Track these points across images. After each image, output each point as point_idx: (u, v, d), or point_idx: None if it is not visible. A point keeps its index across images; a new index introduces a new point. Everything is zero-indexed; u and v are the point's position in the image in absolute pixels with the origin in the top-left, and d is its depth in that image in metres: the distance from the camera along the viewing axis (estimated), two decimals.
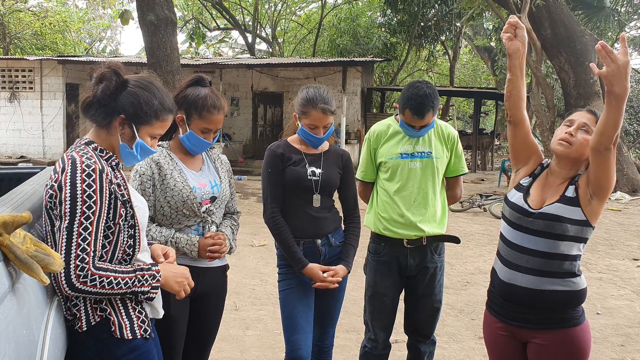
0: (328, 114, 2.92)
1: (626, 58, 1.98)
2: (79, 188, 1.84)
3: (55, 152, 18.27)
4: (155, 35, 11.83)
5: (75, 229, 1.82)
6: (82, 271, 1.81)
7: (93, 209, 1.85)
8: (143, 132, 2.02)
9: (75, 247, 1.81)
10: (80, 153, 1.93)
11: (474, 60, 32.21)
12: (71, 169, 1.86)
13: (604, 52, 1.98)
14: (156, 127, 2.05)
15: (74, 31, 29.40)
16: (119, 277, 1.88)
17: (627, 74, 2.00)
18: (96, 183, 1.86)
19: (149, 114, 2.01)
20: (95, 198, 1.85)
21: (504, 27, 2.38)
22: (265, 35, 30.70)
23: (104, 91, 1.98)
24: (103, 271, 1.85)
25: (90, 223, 1.84)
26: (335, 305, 3.12)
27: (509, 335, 2.43)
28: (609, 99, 2.07)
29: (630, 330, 4.96)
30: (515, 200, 2.40)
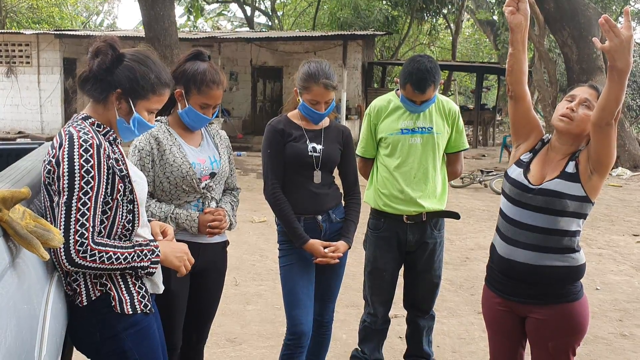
0: (330, 90, 2.88)
1: (629, 32, 1.96)
2: (77, 163, 1.83)
3: (54, 127, 18.21)
4: (153, 8, 11.72)
5: (74, 204, 1.82)
6: (82, 246, 1.81)
7: (91, 184, 1.84)
8: (140, 107, 2.01)
9: (74, 223, 1.81)
10: (78, 128, 1.91)
11: (477, 34, 31.92)
12: (69, 144, 1.85)
13: (607, 26, 1.95)
14: (153, 102, 2.03)
15: (71, 4, 29.08)
16: (118, 253, 1.88)
17: (630, 48, 1.97)
18: (94, 158, 1.85)
19: (145, 88, 1.99)
20: (93, 173, 1.85)
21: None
22: (264, 8, 30.37)
23: (100, 65, 1.95)
24: (102, 246, 1.85)
25: (89, 198, 1.84)
26: (336, 280, 3.13)
27: (507, 310, 2.44)
28: (611, 74, 2.05)
29: (629, 306, 4.99)
30: (515, 176, 2.39)
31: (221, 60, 17.58)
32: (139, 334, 2.00)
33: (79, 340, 2.00)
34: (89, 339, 1.96)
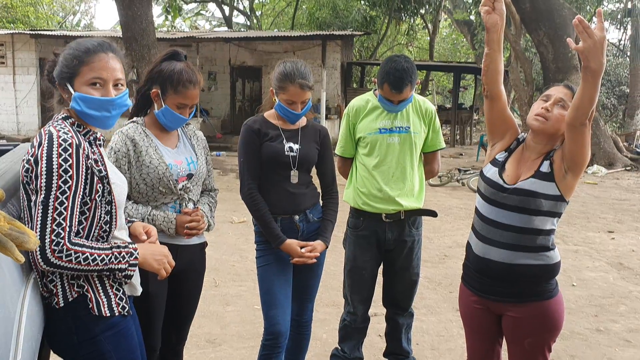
0: (306, 90, 2.89)
1: (602, 33, 1.98)
2: (55, 162, 1.81)
3: (30, 128, 17.96)
4: (130, 8, 11.62)
5: (51, 203, 1.80)
6: (58, 246, 1.79)
7: (69, 184, 1.83)
8: (78, 84, 1.95)
9: (50, 222, 1.79)
10: (57, 128, 1.90)
11: (454, 34, 32.20)
12: (48, 143, 1.84)
13: (581, 27, 1.97)
14: (87, 72, 1.95)
15: (47, 4, 28.69)
16: (95, 254, 1.86)
17: (603, 49, 1.99)
18: (72, 158, 1.84)
19: (67, 65, 1.96)
20: (71, 172, 1.83)
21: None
22: (242, 8, 30.27)
23: (47, 74, 2.02)
24: (79, 247, 1.83)
25: (66, 198, 1.82)
26: (314, 280, 3.13)
27: (484, 308, 2.47)
28: (585, 74, 2.07)
29: (604, 301, 5.07)
30: (490, 176, 2.41)
31: (199, 60, 17.48)
32: (117, 336, 1.98)
33: (56, 343, 1.98)
34: (67, 341, 1.94)
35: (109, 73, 1.97)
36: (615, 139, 16.24)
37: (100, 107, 1.95)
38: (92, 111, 1.95)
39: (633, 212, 9.38)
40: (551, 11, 14.93)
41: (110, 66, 1.97)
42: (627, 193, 11.40)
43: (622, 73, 24.66)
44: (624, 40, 21.40)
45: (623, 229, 8.12)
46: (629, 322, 4.60)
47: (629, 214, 9.26)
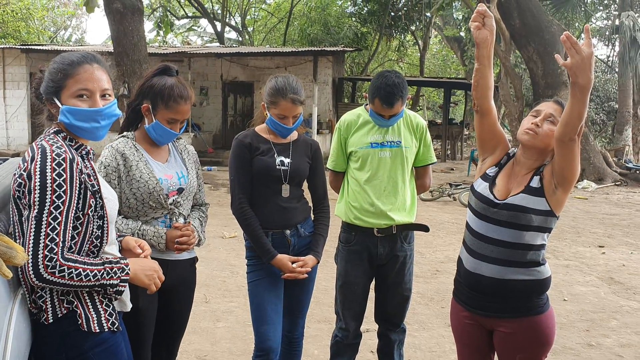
0: (297, 104, 2.89)
1: (590, 49, 1.99)
2: (49, 177, 1.80)
3: (20, 142, 17.88)
4: (121, 23, 11.64)
5: (45, 218, 1.78)
6: (51, 262, 1.77)
7: (63, 199, 1.81)
8: (65, 97, 1.93)
9: (44, 237, 1.77)
10: (50, 142, 1.88)
11: (444, 50, 32.44)
12: (41, 157, 1.82)
13: (569, 43, 1.99)
14: (72, 84, 1.93)
15: (38, 19, 28.68)
16: (87, 269, 1.84)
17: (591, 65, 2.01)
18: (66, 172, 1.82)
19: (52, 80, 1.94)
20: (65, 187, 1.81)
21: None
22: (234, 23, 30.40)
23: (35, 90, 2.01)
24: (72, 262, 1.81)
25: (60, 213, 1.80)
26: (305, 295, 3.11)
27: (475, 323, 2.46)
28: (573, 90, 2.08)
29: (595, 316, 5.07)
30: (480, 190, 2.41)
31: (191, 75, 17.51)
32: (107, 352, 1.95)
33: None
34: (55, 358, 1.90)
35: (95, 84, 1.95)
36: (604, 154, 16.36)
37: (89, 118, 1.93)
38: (81, 123, 1.93)
39: (623, 227, 9.42)
40: (540, 28, 15.10)
41: (96, 77, 1.95)
42: (617, 208, 11.46)
43: (611, 89, 24.90)
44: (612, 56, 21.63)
45: (613, 243, 8.15)
46: (620, 336, 4.60)
47: (619, 228, 9.31)
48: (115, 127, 2.11)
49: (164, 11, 25.82)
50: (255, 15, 31.37)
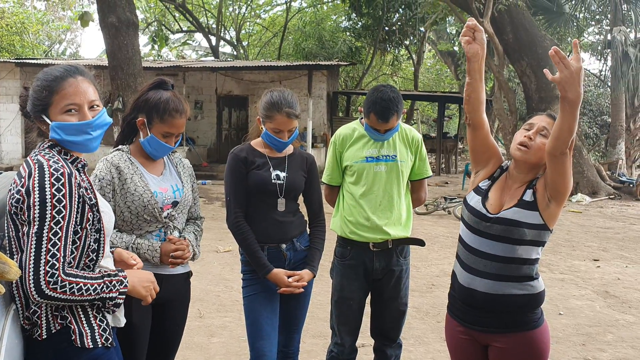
0: (293, 118, 2.89)
1: (578, 64, 1.99)
2: (48, 192, 1.79)
3: (13, 157, 17.82)
4: (116, 37, 11.67)
5: (45, 234, 1.77)
6: (52, 277, 1.76)
7: (63, 214, 1.80)
8: (53, 114, 1.92)
9: (45, 253, 1.76)
10: (47, 157, 1.87)
11: (438, 64, 32.64)
12: (39, 173, 1.81)
13: (557, 57, 1.99)
14: (59, 100, 1.91)
15: (32, 33, 28.71)
16: (88, 284, 1.83)
17: (579, 79, 2.01)
18: (65, 187, 1.82)
19: (37, 98, 1.93)
20: (64, 202, 1.81)
21: None
22: (229, 38, 30.52)
23: (21, 109, 2.00)
24: (73, 277, 1.80)
25: (60, 228, 1.79)
26: (301, 310, 3.09)
27: (470, 338, 2.44)
28: (562, 105, 2.08)
29: (591, 330, 5.06)
30: (473, 204, 2.41)
31: (186, 89, 17.53)
32: None
33: None
34: None
35: (82, 97, 1.93)
36: (598, 167, 16.43)
37: (80, 132, 1.92)
38: (73, 137, 1.91)
39: (617, 240, 9.43)
40: (533, 42, 15.22)
41: (82, 90, 1.93)
42: (611, 221, 11.49)
43: (604, 103, 25.06)
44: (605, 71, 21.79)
45: (608, 257, 8.16)
46: (616, 350, 4.58)
47: (613, 242, 9.32)
48: (110, 140, 2.11)
49: (159, 25, 25.91)
50: (250, 29, 31.52)
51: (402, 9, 23.02)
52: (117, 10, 11.59)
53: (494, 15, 14.69)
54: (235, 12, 29.21)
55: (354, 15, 24.03)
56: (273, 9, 30.67)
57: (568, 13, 19.00)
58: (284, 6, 28.54)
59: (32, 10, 30.07)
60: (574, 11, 19.31)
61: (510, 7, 14.83)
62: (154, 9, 28.43)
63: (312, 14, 26.26)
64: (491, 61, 15.78)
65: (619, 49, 17.28)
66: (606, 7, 20.01)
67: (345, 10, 24.66)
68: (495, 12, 14.59)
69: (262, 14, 30.96)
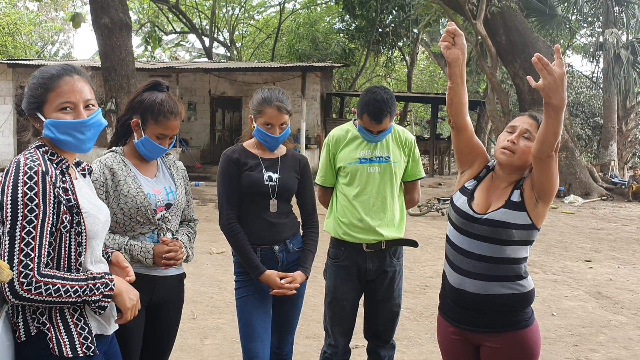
0: (283, 112, 2.90)
1: (561, 70, 1.99)
2: (20, 191, 1.75)
3: (5, 158, 17.73)
4: (109, 38, 11.63)
5: (18, 233, 1.74)
6: (26, 278, 1.72)
7: (35, 212, 1.76)
8: (48, 111, 1.90)
9: (17, 252, 1.73)
10: (27, 155, 1.84)
11: (431, 66, 32.68)
12: (15, 171, 1.78)
13: (540, 64, 1.98)
14: (55, 98, 1.89)
15: (25, 34, 28.59)
16: (67, 285, 1.79)
17: (563, 85, 2.01)
18: (38, 185, 1.78)
19: (33, 95, 1.91)
20: (37, 201, 1.76)
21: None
22: (223, 39, 30.49)
23: (16, 107, 1.99)
24: (48, 278, 1.76)
25: (34, 227, 1.75)
26: (294, 312, 3.09)
27: (461, 339, 2.44)
28: (547, 110, 2.08)
29: (584, 330, 5.08)
30: (459, 205, 2.41)
31: (179, 90, 17.50)
32: None
33: None
34: None
35: (78, 95, 1.91)
36: (590, 169, 16.52)
37: (74, 130, 1.89)
38: (66, 136, 1.88)
39: (610, 242, 9.48)
40: (526, 44, 15.29)
41: (78, 88, 1.91)
42: (604, 222, 11.55)
43: (596, 105, 25.20)
44: (597, 73, 21.92)
45: (600, 258, 8.20)
46: (609, 351, 4.61)
47: (605, 243, 9.36)
48: (103, 142, 2.10)
49: (152, 26, 25.86)
50: (243, 30, 31.51)
51: (395, 11, 23.07)
52: (110, 11, 11.55)
53: (487, 17, 14.75)
54: (228, 13, 29.20)
55: (347, 16, 24.07)
56: (266, 10, 30.70)
57: (560, 15, 19.11)
58: (277, 7, 28.56)
59: (25, 11, 29.94)
60: (566, 13, 19.42)
61: (503, 9, 14.90)
62: (147, 10, 28.38)
63: (306, 15, 26.29)
64: (484, 63, 15.84)
65: (611, 51, 17.39)
66: (598, 9, 20.14)
67: (339, 11, 24.69)
68: (489, 14, 14.65)
69: (256, 16, 30.97)
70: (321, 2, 27.70)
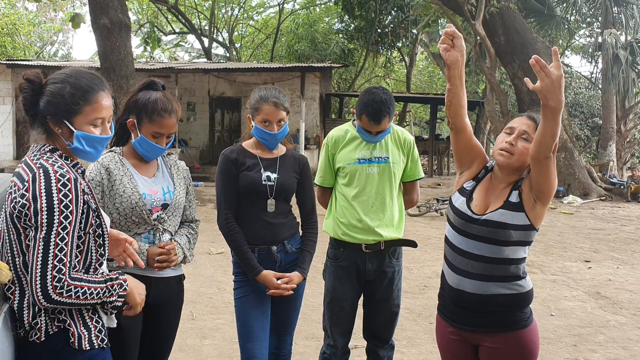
0: (280, 108, 2.90)
1: (559, 71, 1.99)
2: (56, 198, 1.80)
3: (5, 158, 17.71)
4: (108, 39, 11.61)
5: (53, 239, 1.79)
6: (59, 282, 1.78)
7: (70, 219, 1.82)
8: (79, 123, 1.92)
9: (52, 258, 1.78)
10: (50, 161, 1.88)
11: (430, 66, 32.71)
12: (45, 178, 1.82)
13: (538, 66, 1.98)
14: (89, 113, 1.93)
15: (24, 34, 28.58)
16: (92, 288, 1.86)
17: (560, 87, 2.00)
18: (72, 192, 1.83)
19: (69, 104, 1.91)
20: (72, 208, 1.82)
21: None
22: (222, 39, 30.49)
23: (24, 103, 1.94)
24: (78, 281, 1.83)
25: (67, 233, 1.81)
26: (292, 312, 3.09)
27: (460, 339, 2.44)
28: (544, 112, 2.08)
29: (583, 331, 5.08)
30: (458, 206, 2.41)
31: (178, 90, 17.49)
32: None
33: None
34: None
35: (107, 111, 1.99)
36: (589, 169, 16.53)
37: (99, 144, 1.98)
38: (91, 149, 1.96)
39: (608, 242, 9.49)
40: (525, 45, 15.30)
41: (108, 105, 1.99)
42: (602, 223, 11.55)
43: (595, 105, 25.22)
44: (596, 73, 21.94)
45: (599, 258, 8.20)
46: (608, 351, 4.61)
47: (604, 243, 9.37)
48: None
49: (151, 27, 25.83)
50: (242, 31, 31.51)
51: (394, 12, 23.09)
52: (109, 11, 11.54)
53: (486, 17, 14.76)
54: (227, 13, 29.20)
55: (346, 17, 24.07)
56: (266, 10, 30.73)
57: (559, 16, 19.12)
58: (276, 8, 28.57)
59: (24, 12, 29.92)
60: (565, 14, 19.43)
61: (502, 10, 14.91)
62: (147, 11, 28.37)
63: (305, 16, 26.31)
64: (483, 63, 15.85)
65: (610, 51, 17.40)
66: (597, 9, 20.15)
67: (338, 12, 24.70)
68: (487, 15, 14.66)
69: (255, 16, 30.98)
70: (320, 3, 27.71)
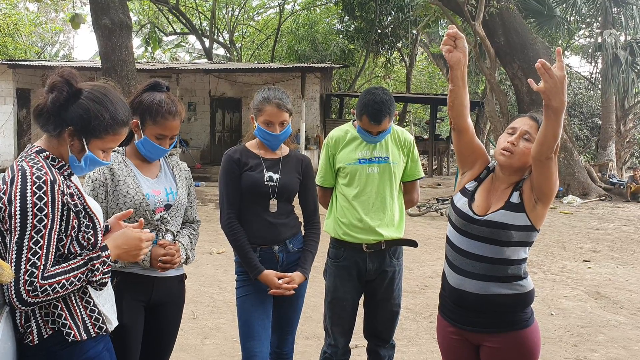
0: (283, 109, 2.92)
1: (562, 72, 2.01)
2: (30, 201, 1.77)
3: (6, 159, 17.71)
4: (109, 39, 11.63)
5: (26, 243, 1.76)
6: (31, 285, 1.76)
7: (44, 222, 1.79)
8: (93, 146, 1.95)
9: (24, 262, 1.76)
10: (31, 163, 1.85)
11: (430, 67, 32.72)
12: (21, 180, 1.79)
13: (543, 69, 2.00)
14: (107, 141, 1.98)
15: (25, 35, 28.59)
16: (70, 277, 1.83)
17: (563, 88, 2.03)
18: (47, 195, 1.80)
19: (98, 129, 1.93)
20: (46, 211, 1.79)
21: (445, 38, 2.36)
22: (222, 40, 30.50)
23: (54, 102, 1.89)
24: (52, 278, 1.79)
25: (42, 237, 1.78)
26: (293, 312, 3.10)
27: (461, 339, 2.45)
28: (547, 112, 2.10)
29: (583, 330, 5.10)
30: (460, 206, 2.42)
31: (179, 91, 17.51)
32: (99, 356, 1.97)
33: None
34: None
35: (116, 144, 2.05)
36: (589, 169, 16.54)
37: (96, 167, 2.04)
38: (87, 168, 1.99)
39: (608, 242, 9.50)
40: (525, 45, 15.31)
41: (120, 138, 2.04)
42: (602, 222, 11.57)
43: (594, 105, 25.22)
44: (595, 73, 21.94)
45: (599, 258, 8.22)
46: (608, 351, 4.62)
47: (604, 243, 9.38)
48: None
49: (152, 27, 25.87)
50: (243, 32, 31.52)
51: (394, 12, 23.11)
52: (110, 12, 11.56)
53: (486, 18, 14.77)
54: (228, 14, 29.21)
55: (346, 18, 24.09)
56: (266, 11, 30.73)
57: (559, 16, 19.13)
58: (277, 9, 28.58)
59: (25, 12, 29.91)
60: (564, 14, 19.44)
61: (502, 10, 14.92)
62: (148, 11, 28.40)
63: (305, 16, 26.31)
64: (483, 64, 15.86)
65: (609, 51, 17.41)
66: (596, 10, 20.14)
67: (338, 13, 24.71)
68: (487, 15, 14.67)
69: (256, 17, 31.00)
70: (320, 3, 27.73)
